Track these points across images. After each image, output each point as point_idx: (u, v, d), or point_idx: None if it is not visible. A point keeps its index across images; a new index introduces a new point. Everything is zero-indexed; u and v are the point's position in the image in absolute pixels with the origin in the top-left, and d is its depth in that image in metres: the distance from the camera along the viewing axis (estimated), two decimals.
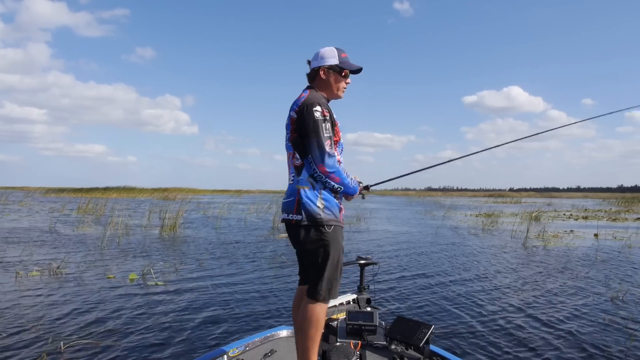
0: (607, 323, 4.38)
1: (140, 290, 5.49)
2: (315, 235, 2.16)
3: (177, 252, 8.77)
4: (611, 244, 10.95)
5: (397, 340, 2.69)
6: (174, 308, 4.74)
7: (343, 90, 2.36)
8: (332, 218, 2.18)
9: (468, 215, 22.39)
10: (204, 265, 7.29)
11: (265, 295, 5.37)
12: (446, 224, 17.18)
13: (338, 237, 2.20)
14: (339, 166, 2.18)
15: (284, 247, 9.62)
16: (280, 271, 6.90)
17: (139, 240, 10.46)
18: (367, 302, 3.18)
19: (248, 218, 18.00)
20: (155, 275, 6.28)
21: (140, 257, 8.05)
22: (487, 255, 9.01)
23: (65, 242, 9.91)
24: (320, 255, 2.17)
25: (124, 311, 4.58)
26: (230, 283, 6.00)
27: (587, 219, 20.43)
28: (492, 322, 4.42)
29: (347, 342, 2.72)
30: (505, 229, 14.51)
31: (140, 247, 9.28)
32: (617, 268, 7.43)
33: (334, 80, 2.31)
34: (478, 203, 42.47)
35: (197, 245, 9.80)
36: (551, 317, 4.57)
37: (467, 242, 11.32)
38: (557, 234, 13.06)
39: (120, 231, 12.39)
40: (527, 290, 5.80)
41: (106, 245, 9.36)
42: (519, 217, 18.37)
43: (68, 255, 7.86)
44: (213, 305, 4.85)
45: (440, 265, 7.73)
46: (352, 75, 2.41)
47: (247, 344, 2.78)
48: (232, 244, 9.97)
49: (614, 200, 42.75)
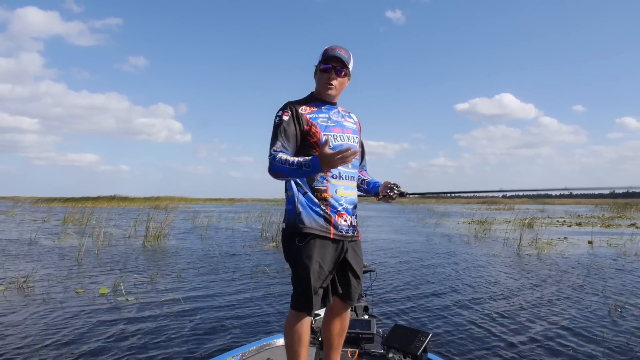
0: (606, 339, 4.08)
1: (108, 307, 5.13)
2: (287, 242, 2.12)
3: (156, 264, 8.39)
4: (606, 251, 10.70)
5: (395, 348, 2.65)
6: (140, 327, 4.38)
7: (327, 87, 2.17)
8: (309, 225, 2.05)
9: (460, 223, 22.14)
10: (182, 278, 6.93)
11: (240, 311, 5.03)
12: (438, 231, 16.90)
13: (310, 246, 2.04)
14: (274, 158, 1.98)
15: (269, 258, 9.28)
16: (260, 283, 6.55)
17: (120, 252, 10.07)
18: (364, 310, 3.11)
19: (236, 227, 17.62)
20: (127, 290, 5.91)
21: (117, 269, 7.67)
22: (478, 264, 8.71)
23: (42, 254, 9.51)
24: (289, 260, 2.14)
25: (86, 330, 4.22)
26: (205, 296, 5.64)
27: (580, 225, 20.25)
28: (488, 331, 4.16)
29: (345, 350, 2.62)
30: (498, 237, 14.25)
31: (120, 259, 8.89)
32: (614, 278, 7.15)
33: (318, 78, 2.20)
34: (471, 210, 42.33)
35: (179, 256, 9.43)
36: (548, 333, 4.27)
37: (459, 250, 11.01)
38: (550, 241, 12.81)
39: (101, 242, 12.00)
40: (521, 302, 5.49)
41: (83, 256, 8.96)
42: (512, 224, 18.14)
43: (41, 269, 7.48)
44: (182, 322, 4.50)
45: (432, 274, 7.42)
46: (353, 78, 2.27)
47: (243, 353, 2.73)
48: (215, 255, 9.60)
49: (606, 206, 42.76)
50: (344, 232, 2.12)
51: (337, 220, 2.09)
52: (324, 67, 2.15)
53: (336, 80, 2.16)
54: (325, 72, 2.16)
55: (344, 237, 2.13)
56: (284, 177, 2.02)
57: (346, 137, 2.19)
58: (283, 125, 2.06)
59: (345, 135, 2.19)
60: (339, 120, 2.21)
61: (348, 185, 2.16)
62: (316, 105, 2.19)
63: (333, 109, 2.22)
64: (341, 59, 2.13)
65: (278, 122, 2.07)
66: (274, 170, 1.98)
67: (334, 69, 2.15)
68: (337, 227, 2.10)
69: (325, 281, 2.09)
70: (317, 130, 2.10)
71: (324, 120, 2.14)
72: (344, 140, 2.16)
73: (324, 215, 2.07)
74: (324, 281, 2.09)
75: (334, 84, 2.16)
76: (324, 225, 2.07)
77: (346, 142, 2.16)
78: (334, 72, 2.15)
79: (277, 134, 2.05)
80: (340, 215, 2.11)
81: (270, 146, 2.04)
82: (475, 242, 12.92)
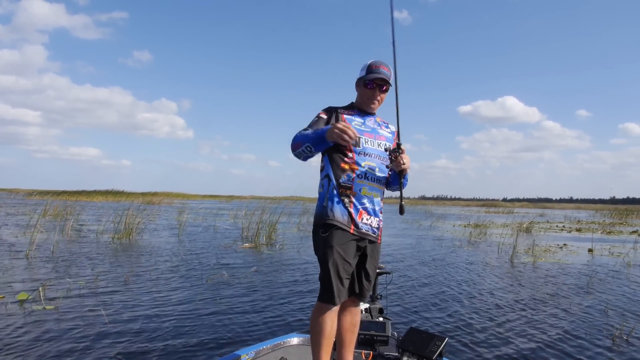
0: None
1: (21, 315, 4.33)
2: (314, 235, 2.26)
3: (111, 263, 7.59)
4: (607, 260, 9.88)
5: (410, 352, 2.64)
6: (40, 347, 3.58)
7: (370, 102, 2.35)
8: (331, 217, 2.18)
9: (456, 226, 21.33)
10: (130, 281, 6.13)
11: (179, 327, 4.23)
12: (430, 234, 16.08)
13: (332, 236, 2.15)
14: (296, 134, 2.21)
15: (236, 260, 8.49)
16: (209, 292, 5.75)
17: (80, 248, 9.28)
18: (379, 312, 3.11)
19: (220, 225, 16.83)
20: (53, 296, 5.11)
21: (63, 269, 6.88)
22: (465, 273, 7.90)
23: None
24: (316, 252, 2.25)
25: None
26: (143, 306, 4.84)
27: (580, 231, 19.44)
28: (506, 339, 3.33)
29: (359, 352, 2.68)
30: (493, 242, 13.45)
31: (76, 257, 8.10)
32: (617, 295, 6.32)
33: (361, 92, 2.36)
34: (469, 213, 41.53)
35: (141, 256, 8.62)
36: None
37: (446, 257, 10.19)
38: (548, 248, 12.01)
39: (68, 237, 11.26)
40: (511, 323, 4.69)
41: (35, 253, 8.17)
42: (510, 228, 17.33)
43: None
44: (99, 342, 3.70)
45: (406, 278, 6.61)
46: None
47: (257, 351, 2.76)
48: (178, 255, 8.79)
49: (607, 212, 41.93)
50: (363, 230, 2.22)
51: (357, 218, 2.20)
52: (369, 85, 2.29)
53: (379, 96, 2.34)
54: (369, 88, 2.30)
55: (363, 235, 2.22)
56: (300, 146, 2.17)
57: (377, 144, 2.31)
58: (316, 118, 2.28)
59: (376, 142, 2.31)
60: (374, 127, 2.35)
61: (373, 186, 2.26)
62: (355, 112, 2.36)
63: (370, 117, 2.37)
64: (385, 78, 2.28)
65: (315, 118, 2.29)
66: (293, 141, 2.19)
67: (378, 87, 2.30)
68: (358, 225, 2.20)
69: (347, 272, 2.17)
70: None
71: (358, 124, 2.30)
72: (374, 146, 2.29)
73: (346, 210, 2.19)
74: (346, 272, 2.16)
75: (377, 100, 2.34)
76: (345, 219, 2.18)
77: (376, 148, 2.29)
78: (377, 90, 2.31)
79: (309, 124, 2.25)
80: (362, 214, 2.21)
81: None
82: (467, 247, 12.09)
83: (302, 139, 2.16)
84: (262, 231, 11.92)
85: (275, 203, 15.41)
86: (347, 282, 2.17)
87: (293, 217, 18.04)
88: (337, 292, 2.12)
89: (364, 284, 2.29)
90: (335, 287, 2.11)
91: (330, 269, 2.11)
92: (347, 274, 2.16)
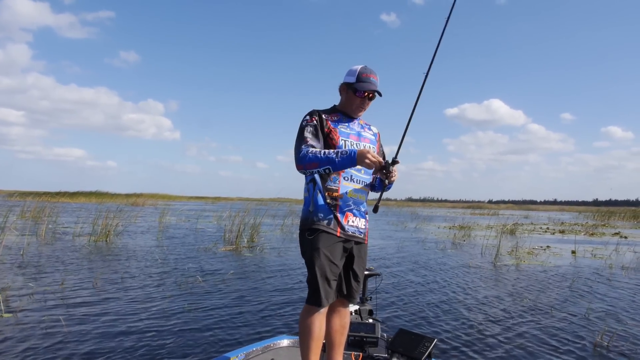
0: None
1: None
2: (300, 238, 2.27)
3: (83, 267, 7.30)
4: (590, 262, 9.86)
5: (399, 353, 2.65)
6: (7, 345, 3.34)
7: (359, 111, 2.36)
8: (317, 221, 2.19)
9: (441, 228, 21.31)
10: (99, 286, 5.87)
11: (147, 329, 4.01)
12: (415, 236, 16.00)
13: (318, 239, 2.16)
14: (306, 151, 2.13)
15: (214, 264, 8.26)
16: (184, 296, 5.53)
17: (53, 251, 8.95)
18: (369, 314, 3.12)
19: (201, 227, 16.53)
20: (12, 302, 4.84)
21: (31, 273, 6.58)
22: (446, 275, 7.79)
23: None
24: (303, 255, 2.25)
25: None
26: (111, 312, 4.60)
27: (564, 232, 19.56)
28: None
29: (348, 353, 2.68)
30: (476, 244, 13.39)
31: (45, 260, 7.79)
32: (599, 297, 6.25)
33: (346, 98, 2.36)
34: (455, 214, 41.73)
35: (116, 259, 8.34)
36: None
37: (430, 259, 10.08)
38: (532, 250, 11.99)
39: (41, 239, 10.90)
40: (493, 326, 4.56)
41: (3, 257, 7.83)
42: (494, 230, 17.34)
43: None
44: (59, 345, 3.46)
45: (388, 282, 6.47)
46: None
47: (247, 353, 2.75)
48: (158, 258, 8.53)
49: (590, 214, 42.43)
50: (350, 232, 2.24)
51: (344, 220, 2.22)
52: (359, 94, 2.30)
53: (368, 105, 2.37)
54: (358, 96, 2.31)
55: (350, 237, 2.24)
56: (317, 167, 2.12)
57: (362, 146, 2.32)
58: (310, 126, 2.23)
59: (361, 144, 2.34)
60: (359, 131, 2.37)
61: (359, 188, 2.29)
62: (338, 115, 2.36)
63: (354, 120, 2.39)
64: (377, 90, 2.32)
65: (305, 125, 2.25)
66: (307, 161, 2.11)
67: (368, 96, 2.32)
68: (344, 227, 2.22)
69: (334, 274, 2.18)
70: (336, 135, 2.27)
71: (344, 127, 2.32)
72: (359, 148, 2.28)
73: (332, 213, 2.21)
74: (333, 273, 2.18)
75: (365, 108, 2.38)
76: (331, 223, 2.20)
77: None
78: (367, 99, 2.34)
79: (306, 134, 2.21)
80: (348, 216, 2.24)
81: (297, 144, 2.19)
82: (451, 250, 12.00)
83: (318, 161, 2.10)
84: (244, 233, 11.70)
85: (261, 204, 15.20)
86: (334, 284, 2.19)
87: (277, 219, 17.83)
88: (325, 293, 2.14)
89: (353, 285, 2.31)
90: (323, 289, 2.14)
91: (317, 271, 2.14)
92: (335, 275, 2.19)
